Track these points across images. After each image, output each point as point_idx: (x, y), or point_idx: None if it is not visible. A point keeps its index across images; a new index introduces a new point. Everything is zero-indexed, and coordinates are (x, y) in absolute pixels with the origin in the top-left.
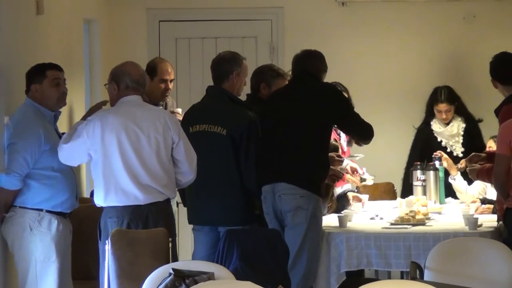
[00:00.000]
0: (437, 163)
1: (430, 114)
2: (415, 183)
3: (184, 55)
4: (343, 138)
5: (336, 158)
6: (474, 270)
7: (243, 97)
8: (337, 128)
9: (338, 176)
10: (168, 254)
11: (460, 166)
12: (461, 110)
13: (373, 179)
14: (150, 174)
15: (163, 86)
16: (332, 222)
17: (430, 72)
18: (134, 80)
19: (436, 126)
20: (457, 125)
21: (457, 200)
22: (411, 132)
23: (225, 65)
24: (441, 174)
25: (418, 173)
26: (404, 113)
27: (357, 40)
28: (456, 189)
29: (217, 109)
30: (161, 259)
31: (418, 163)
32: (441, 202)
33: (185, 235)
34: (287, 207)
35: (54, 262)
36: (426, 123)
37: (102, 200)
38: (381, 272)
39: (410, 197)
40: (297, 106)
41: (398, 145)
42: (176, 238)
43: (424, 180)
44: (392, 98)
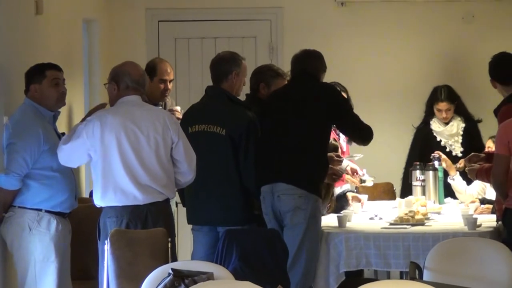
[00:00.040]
0: (436, 163)
1: (430, 114)
2: (414, 183)
3: (183, 55)
4: (343, 138)
5: (335, 158)
6: (473, 270)
7: (242, 97)
8: (336, 129)
9: (338, 175)
10: (167, 254)
11: (459, 166)
12: (461, 110)
13: (373, 181)
14: (149, 174)
15: (163, 87)
16: (331, 222)
17: (429, 72)
18: (134, 80)
19: (436, 126)
20: (457, 125)
21: (456, 200)
22: (410, 132)
23: (224, 65)
24: (440, 174)
25: (417, 173)
26: (403, 113)
27: (357, 40)
28: (455, 189)
29: (216, 109)
30: (160, 259)
31: (417, 163)
32: (440, 202)
33: (184, 235)
34: (286, 207)
35: (53, 262)
36: (426, 123)
37: (101, 200)
38: (380, 272)
39: (409, 197)
40: (296, 106)
41: (398, 145)
42: (176, 238)
43: (424, 180)
44: (391, 98)
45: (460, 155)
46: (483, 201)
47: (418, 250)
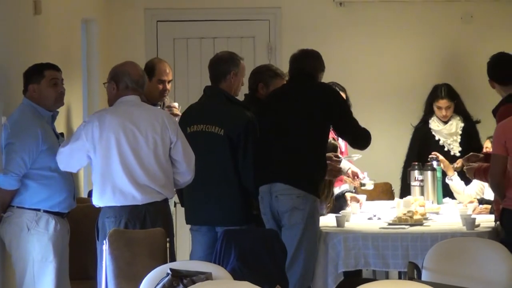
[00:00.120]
0: (435, 163)
1: (429, 112)
2: (413, 183)
3: (182, 55)
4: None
5: (334, 158)
6: (472, 270)
7: (241, 97)
8: (333, 130)
9: (337, 170)
10: (166, 254)
11: (456, 166)
12: (460, 109)
13: (373, 184)
14: (148, 174)
15: (161, 87)
16: (330, 222)
17: (428, 72)
18: (134, 81)
19: (435, 125)
20: (456, 124)
21: (455, 200)
22: (409, 132)
23: (223, 65)
24: (439, 174)
25: (416, 173)
26: (402, 113)
27: (355, 40)
28: (454, 190)
29: (215, 109)
30: (159, 259)
31: (416, 164)
32: (439, 202)
33: (183, 235)
34: (284, 208)
35: (52, 262)
36: (425, 122)
37: (100, 200)
38: (379, 272)
39: (408, 197)
40: (294, 106)
41: (396, 145)
42: (174, 238)
43: (422, 180)
44: (390, 98)
45: (458, 155)
46: (482, 201)
47: (417, 250)
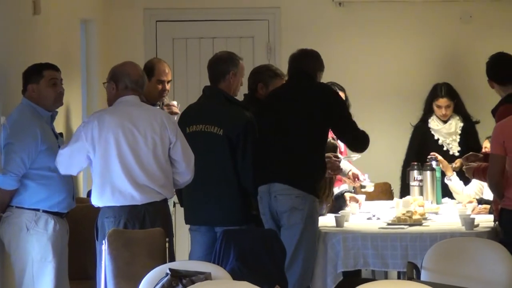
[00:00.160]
0: (434, 163)
1: (429, 112)
2: (412, 183)
3: (181, 55)
4: None
5: (333, 159)
6: (471, 270)
7: (240, 97)
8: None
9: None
10: (165, 254)
11: (455, 166)
12: (460, 109)
13: (373, 186)
14: (147, 174)
15: (160, 87)
16: (329, 222)
17: (427, 72)
18: (133, 81)
19: (434, 124)
20: (455, 124)
21: (454, 200)
22: (408, 132)
23: (222, 65)
24: (438, 174)
25: (415, 173)
26: (401, 113)
27: (354, 40)
28: (452, 190)
29: (214, 109)
30: (158, 259)
31: (415, 164)
32: (438, 202)
33: (182, 235)
34: (283, 208)
35: (51, 262)
36: (424, 121)
37: (99, 200)
38: (378, 272)
39: (407, 197)
40: (293, 106)
41: (395, 145)
42: (174, 238)
43: (421, 180)
44: (389, 98)
45: (457, 155)
46: (481, 201)
47: (416, 250)
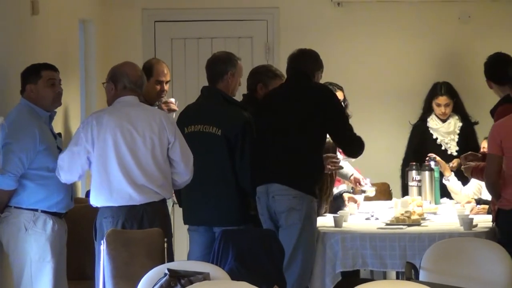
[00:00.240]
0: (432, 164)
1: (428, 111)
2: (411, 184)
3: (180, 56)
4: None
5: (332, 159)
6: (469, 270)
7: (239, 97)
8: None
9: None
10: (163, 254)
11: (452, 165)
12: (459, 108)
13: (374, 190)
14: (146, 174)
15: (159, 88)
16: (328, 223)
17: (426, 73)
18: (132, 81)
19: (433, 123)
20: (454, 123)
21: (452, 201)
22: (407, 132)
23: (220, 66)
24: (437, 175)
25: (414, 174)
26: (400, 114)
27: (353, 40)
28: (451, 190)
29: (212, 110)
30: (156, 259)
31: (414, 164)
32: (436, 203)
33: (181, 236)
34: (281, 208)
35: (49, 262)
36: (423, 120)
37: (98, 200)
38: (377, 273)
39: (406, 198)
40: (293, 106)
41: (394, 146)
42: (172, 239)
43: (420, 181)
44: (388, 98)
45: (456, 154)
46: (479, 202)
47: (414, 250)
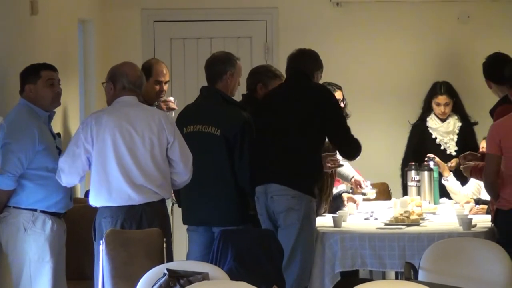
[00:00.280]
0: (432, 164)
1: (427, 110)
2: (410, 184)
3: (179, 56)
4: None
5: (331, 158)
6: (469, 270)
7: (238, 97)
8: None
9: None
10: (163, 254)
11: (451, 165)
12: (458, 108)
13: (375, 193)
14: (145, 174)
15: (158, 88)
16: (327, 223)
17: (425, 72)
18: (131, 82)
19: (432, 123)
20: (453, 123)
21: (451, 201)
22: (406, 132)
23: (219, 66)
24: (436, 175)
25: (413, 174)
26: (399, 113)
27: (352, 40)
28: (450, 190)
29: (211, 110)
30: (156, 259)
31: (413, 164)
32: (436, 203)
33: (180, 236)
34: (279, 208)
35: (48, 262)
36: (422, 119)
37: (96, 200)
38: (376, 273)
39: (405, 198)
40: (293, 106)
41: (393, 146)
42: (172, 239)
43: (419, 181)
44: (387, 98)
45: (454, 154)
46: (478, 202)
47: (413, 250)
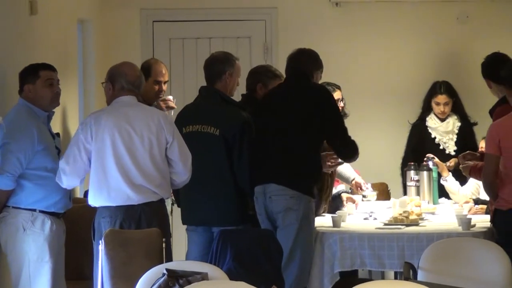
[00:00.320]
0: (431, 163)
1: (427, 110)
2: (409, 184)
3: (178, 56)
4: None
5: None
6: (468, 270)
7: (238, 97)
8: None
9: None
10: (162, 254)
11: (449, 165)
12: (458, 108)
13: (376, 195)
14: (143, 174)
15: (157, 88)
16: (326, 223)
17: (424, 72)
18: (130, 82)
19: (432, 122)
20: (453, 123)
21: (451, 201)
22: (406, 132)
23: (218, 65)
24: (435, 175)
25: (412, 174)
26: (399, 113)
27: (351, 40)
28: (449, 190)
29: (210, 110)
30: (155, 259)
31: (412, 164)
32: (435, 203)
33: (179, 236)
34: (278, 208)
35: (48, 262)
36: (422, 119)
37: (96, 200)
38: (375, 273)
39: (404, 198)
40: (293, 106)
41: (392, 146)
42: (171, 239)
43: (418, 181)
44: (386, 98)
45: (453, 154)
46: (477, 202)
47: (412, 250)
